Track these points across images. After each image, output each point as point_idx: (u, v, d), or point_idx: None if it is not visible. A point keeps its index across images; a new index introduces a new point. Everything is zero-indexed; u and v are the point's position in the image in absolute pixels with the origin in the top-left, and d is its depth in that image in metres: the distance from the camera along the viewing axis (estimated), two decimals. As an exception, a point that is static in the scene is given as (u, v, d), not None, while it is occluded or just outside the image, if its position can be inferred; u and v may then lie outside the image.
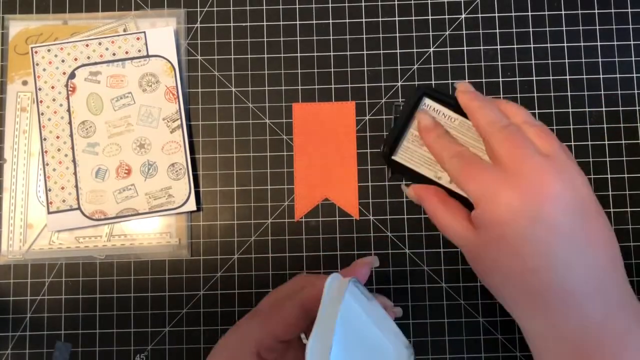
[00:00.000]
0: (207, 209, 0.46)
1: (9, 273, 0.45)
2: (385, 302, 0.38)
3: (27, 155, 0.46)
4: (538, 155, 0.32)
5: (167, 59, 0.46)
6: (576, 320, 0.31)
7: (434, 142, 0.37)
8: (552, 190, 0.31)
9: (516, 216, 0.31)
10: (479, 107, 0.36)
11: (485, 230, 0.33)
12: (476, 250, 0.34)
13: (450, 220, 0.35)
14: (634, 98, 0.46)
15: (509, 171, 0.32)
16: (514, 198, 0.31)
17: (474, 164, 0.34)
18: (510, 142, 0.33)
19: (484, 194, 0.33)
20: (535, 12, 0.47)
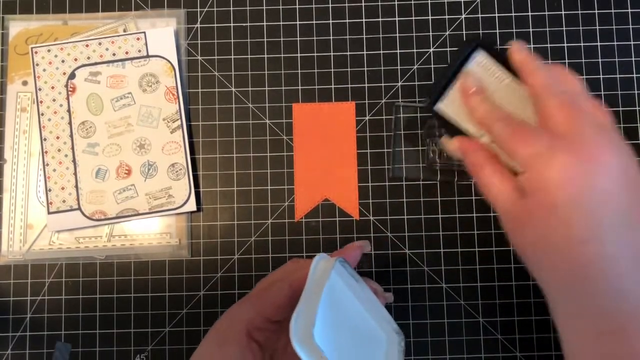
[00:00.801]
0: (207, 209, 0.46)
1: (9, 273, 0.45)
2: (375, 287, 0.38)
3: (27, 155, 0.46)
4: (596, 126, 0.31)
5: (167, 59, 0.46)
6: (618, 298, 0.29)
7: (479, 104, 0.35)
8: (610, 160, 0.30)
9: (571, 182, 0.30)
10: (535, 68, 0.34)
11: (534, 196, 0.31)
12: (520, 217, 0.32)
13: (496, 179, 0.33)
14: (634, 98, 0.46)
15: (566, 137, 0.31)
16: (570, 163, 0.30)
17: (525, 127, 0.33)
18: (568, 109, 0.32)
19: (537, 158, 0.31)
20: (535, 13, 0.47)
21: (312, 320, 0.29)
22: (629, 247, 0.29)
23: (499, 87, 0.36)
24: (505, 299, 0.45)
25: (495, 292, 0.45)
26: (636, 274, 0.29)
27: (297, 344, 0.29)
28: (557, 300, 0.32)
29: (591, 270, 0.30)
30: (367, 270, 0.45)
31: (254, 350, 0.33)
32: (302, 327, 0.29)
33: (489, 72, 0.37)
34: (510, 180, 0.33)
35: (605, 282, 0.29)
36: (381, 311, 0.37)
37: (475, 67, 0.37)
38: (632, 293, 0.29)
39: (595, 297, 0.30)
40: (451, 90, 0.37)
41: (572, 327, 0.31)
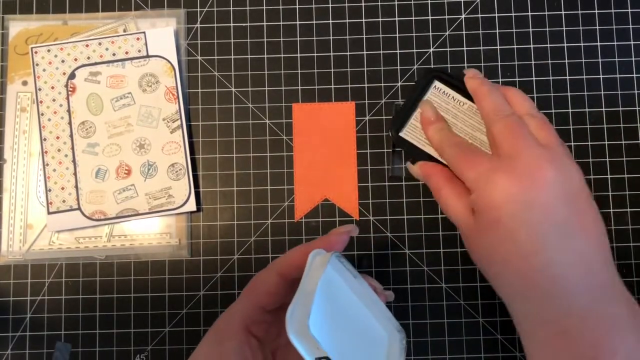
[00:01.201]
0: (207, 209, 0.46)
1: (9, 273, 0.45)
2: (375, 285, 0.38)
3: (27, 155, 0.46)
4: (536, 145, 0.34)
5: (167, 59, 0.46)
6: (564, 303, 0.32)
7: (434, 133, 0.38)
8: (548, 177, 0.32)
9: (511, 201, 0.32)
10: (485, 93, 0.37)
11: (481, 214, 0.34)
12: (472, 233, 0.35)
13: (453, 200, 0.36)
14: (634, 98, 0.46)
15: (507, 158, 0.34)
16: (510, 183, 0.33)
17: (471, 152, 0.36)
18: (510, 131, 0.34)
19: (480, 179, 0.34)
20: (535, 13, 0.47)
21: (307, 312, 0.29)
22: (568, 257, 0.32)
23: (459, 111, 0.39)
24: (505, 299, 0.45)
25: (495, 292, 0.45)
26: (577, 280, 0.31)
27: (292, 335, 0.29)
28: (512, 308, 0.34)
29: (537, 279, 0.32)
30: (367, 270, 0.45)
31: (253, 345, 0.34)
32: (298, 319, 0.30)
33: (447, 99, 0.40)
34: (464, 200, 0.36)
35: (552, 287, 0.32)
36: (382, 309, 0.37)
37: (434, 95, 0.40)
38: (574, 297, 0.31)
39: (545, 302, 0.32)
40: (412, 119, 0.40)
41: (527, 332, 0.34)
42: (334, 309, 0.34)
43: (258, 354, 0.34)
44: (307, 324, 0.29)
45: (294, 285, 0.32)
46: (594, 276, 0.32)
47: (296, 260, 0.34)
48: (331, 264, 0.33)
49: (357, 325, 0.35)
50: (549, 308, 0.32)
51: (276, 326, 0.36)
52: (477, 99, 0.38)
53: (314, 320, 0.29)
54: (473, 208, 0.35)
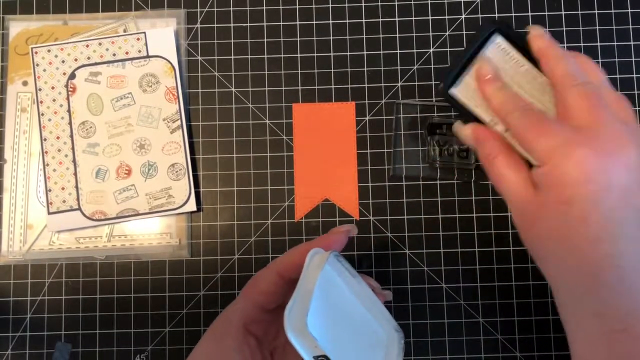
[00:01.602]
0: (207, 209, 0.46)
1: (9, 273, 0.45)
2: (373, 284, 0.37)
3: (27, 155, 0.46)
4: (618, 121, 0.30)
5: (167, 60, 0.46)
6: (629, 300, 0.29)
7: (496, 92, 0.34)
8: (631, 157, 0.29)
9: (589, 178, 0.29)
10: (557, 56, 0.33)
11: (549, 190, 0.30)
12: (533, 211, 0.31)
13: (510, 171, 0.32)
14: (634, 98, 0.46)
15: (586, 131, 0.30)
16: (591, 158, 0.29)
17: (544, 119, 0.31)
18: (589, 101, 0.31)
19: (555, 152, 0.30)
20: (535, 13, 0.47)
21: (305, 311, 0.29)
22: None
23: (517, 73, 0.35)
24: (505, 299, 0.45)
25: (495, 292, 0.45)
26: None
27: (290, 333, 0.29)
28: (566, 298, 0.31)
29: (604, 269, 0.29)
30: (367, 270, 0.45)
31: (252, 344, 0.34)
32: (296, 317, 0.30)
33: (506, 57, 0.35)
34: (524, 173, 0.32)
35: (617, 281, 0.29)
36: (380, 309, 0.37)
37: (493, 52, 0.35)
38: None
39: (607, 295, 0.29)
40: (466, 76, 0.35)
41: (581, 325, 0.30)
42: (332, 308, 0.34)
43: (257, 353, 0.34)
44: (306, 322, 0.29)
45: (293, 284, 0.32)
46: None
47: (295, 259, 0.34)
48: (329, 263, 0.33)
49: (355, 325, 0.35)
50: (612, 303, 0.29)
51: (275, 325, 0.36)
52: (545, 61, 0.33)
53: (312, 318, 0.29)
54: (536, 182, 0.31)
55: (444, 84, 0.35)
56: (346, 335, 0.34)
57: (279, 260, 0.35)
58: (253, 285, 0.35)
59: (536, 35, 0.34)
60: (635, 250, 0.29)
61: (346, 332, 0.34)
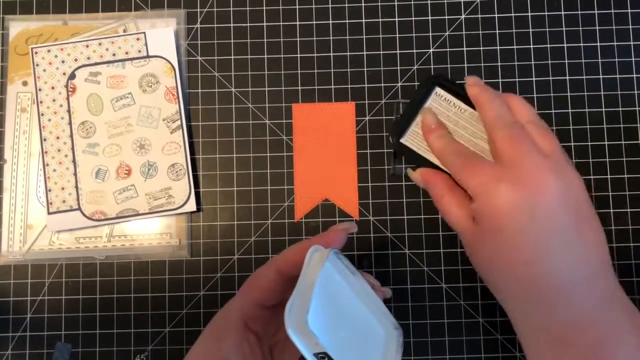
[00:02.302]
0: (207, 209, 0.46)
1: (9, 273, 0.45)
2: (372, 282, 0.38)
3: (27, 155, 0.46)
4: (539, 154, 0.34)
5: (167, 60, 0.46)
6: (565, 311, 0.32)
7: (435, 140, 0.38)
8: (550, 187, 0.33)
9: (514, 209, 0.32)
10: (487, 101, 0.37)
11: (482, 221, 0.34)
12: (474, 240, 0.35)
13: (454, 207, 0.36)
14: (633, 98, 0.47)
15: (509, 167, 0.34)
16: (513, 192, 0.33)
17: (474, 160, 0.36)
18: (512, 140, 0.34)
19: (483, 188, 0.34)
20: (535, 13, 0.47)
21: (306, 308, 0.29)
22: (571, 265, 0.32)
23: (461, 118, 0.39)
24: (505, 299, 0.45)
25: (495, 292, 0.45)
26: (579, 289, 0.32)
27: (291, 330, 0.29)
28: (513, 315, 0.35)
29: (539, 287, 0.32)
30: (367, 270, 0.45)
31: (251, 341, 0.34)
32: (296, 314, 0.30)
33: (448, 105, 0.40)
34: (466, 208, 0.35)
35: (553, 295, 0.32)
36: (379, 305, 0.37)
37: (435, 102, 0.40)
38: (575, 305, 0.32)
39: (545, 309, 0.32)
40: (413, 126, 0.40)
41: (528, 338, 0.34)
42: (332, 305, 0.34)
43: (256, 350, 0.34)
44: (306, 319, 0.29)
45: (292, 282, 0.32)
46: (595, 284, 0.32)
47: (294, 257, 0.34)
48: (329, 261, 0.33)
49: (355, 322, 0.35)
50: (550, 315, 0.32)
51: (274, 322, 0.36)
52: (478, 106, 0.38)
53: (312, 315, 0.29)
54: (474, 216, 0.35)
55: (394, 137, 0.40)
56: (346, 332, 0.34)
57: (278, 257, 0.36)
58: (252, 282, 0.36)
59: (471, 84, 0.39)
60: (564, 268, 0.32)
61: (345, 328, 0.34)
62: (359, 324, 0.36)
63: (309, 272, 0.32)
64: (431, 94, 0.40)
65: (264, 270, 0.35)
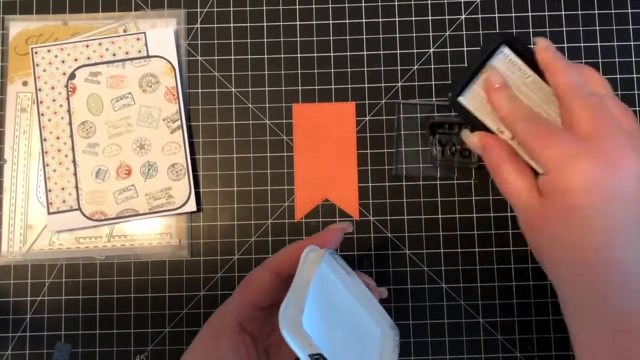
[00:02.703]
0: (207, 209, 0.46)
1: (9, 274, 0.45)
2: (368, 281, 0.37)
3: (27, 155, 0.46)
4: (622, 131, 0.31)
5: (167, 60, 0.46)
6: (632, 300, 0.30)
7: (504, 101, 0.35)
8: (633, 167, 0.30)
9: (593, 187, 0.30)
10: (562, 67, 0.34)
11: (554, 198, 0.31)
12: (538, 218, 0.32)
13: (516, 178, 0.33)
14: (633, 98, 0.46)
15: (591, 140, 0.31)
16: (595, 168, 0.30)
17: (550, 129, 0.33)
18: (593, 112, 0.32)
19: (560, 161, 0.31)
20: (535, 13, 0.47)
21: (301, 309, 0.29)
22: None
23: (523, 83, 0.36)
24: (505, 299, 0.45)
25: (495, 292, 0.45)
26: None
27: (285, 332, 0.29)
28: (571, 299, 0.32)
29: (609, 273, 0.30)
30: (367, 270, 0.45)
31: (247, 342, 0.34)
32: (291, 315, 0.30)
33: (514, 68, 0.36)
34: (529, 180, 0.33)
35: (622, 284, 0.30)
36: (375, 305, 0.37)
37: (500, 62, 0.36)
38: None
39: (611, 297, 0.30)
40: (474, 85, 0.36)
41: (586, 325, 0.31)
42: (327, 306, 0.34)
43: (252, 351, 0.34)
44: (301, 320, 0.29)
45: (288, 282, 0.32)
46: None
47: (290, 257, 0.34)
48: (325, 261, 0.33)
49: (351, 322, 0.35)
50: (617, 305, 0.30)
51: (269, 323, 0.36)
52: (551, 72, 0.34)
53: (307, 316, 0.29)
54: (541, 189, 0.32)
55: (452, 93, 0.36)
56: (341, 333, 0.34)
57: (273, 258, 0.35)
58: (247, 283, 0.35)
59: (542, 47, 0.35)
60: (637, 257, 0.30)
61: (341, 329, 0.34)
62: (354, 324, 0.36)
63: (304, 273, 0.32)
64: (497, 53, 0.36)
65: (259, 271, 0.35)
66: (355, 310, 0.36)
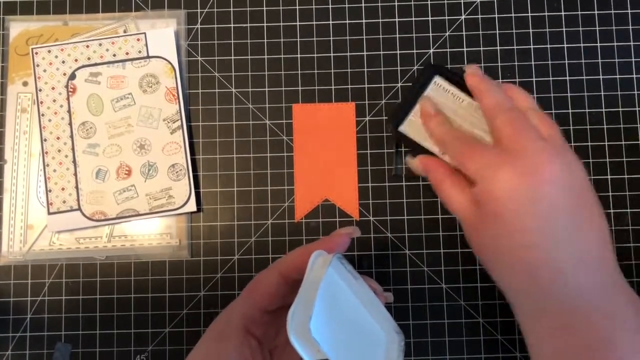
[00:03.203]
0: (208, 209, 0.46)
1: (9, 274, 0.45)
2: (375, 286, 0.38)
3: (27, 156, 0.46)
4: (539, 139, 0.34)
5: (168, 60, 0.46)
6: (567, 298, 0.32)
7: (436, 126, 0.38)
8: (552, 170, 0.32)
9: (515, 193, 0.32)
10: (486, 89, 0.37)
11: (484, 206, 0.34)
12: (475, 225, 0.35)
13: (455, 192, 0.36)
14: (633, 99, 0.47)
15: (511, 151, 0.33)
16: (514, 176, 0.32)
17: (474, 145, 0.36)
18: (513, 124, 0.34)
19: (484, 172, 0.34)
20: (535, 13, 0.47)
21: (308, 314, 0.29)
22: (573, 250, 0.32)
23: (459, 107, 0.39)
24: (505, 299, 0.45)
25: (495, 292, 0.45)
26: (581, 275, 0.32)
27: (293, 338, 0.29)
28: (514, 300, 0.35)
29: (540, 273, 0.32)
30: (367, 270, 0.45)
31: (252, 345, 0.34)
32: (299, 321, 0.30)
33: (447, 94, 0.40)
34: (467, 192, 0.35)
35: (554, 282, 0.32)
36: (381, 310, 0.37)
37: (434, 91, 0.40)
38: (577, 291, 0.31)
39: (547, 296, 0.32)
40: (411, 114, 0.40)
41: (528, 324, 0.34)
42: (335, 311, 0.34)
43: (257, 354, 0.34)
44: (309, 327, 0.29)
45: (295, 286, 0.32)
46: (598, 271, 0.32)
47: (297, 261, 0.34)
48: (333, 266, 0.33)
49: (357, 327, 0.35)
50: (551, 302, 0.32)
51: (274, 326, 0.36)
52: (478, 95, 0.38)
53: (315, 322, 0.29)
54: (476, 200, 0.35)
55: (392, 124, 0.40)
56: (347, 337, 0.34)
57: (281, 261, 0.35)
58: (254, 286, 0.35)
59: (470, 73, 0.39)
60: (566, 253, 0.32)
61: (347, 333, 0.34)
62: (360, 329, 0.36)
63: (311, 278, 0.32)
64: (430, 82, 0.40)
65: (267, 275, 0.35)
66: (361, 315, 0.36)
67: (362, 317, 0.36)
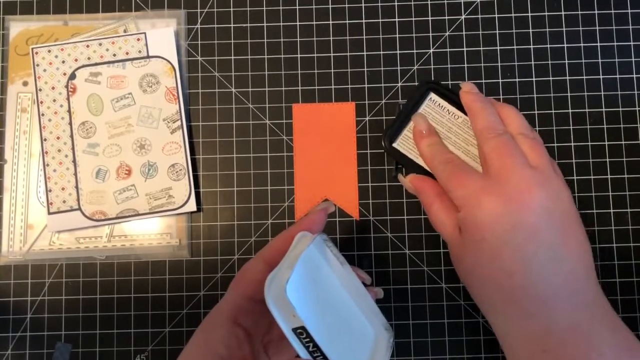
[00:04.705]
0: (208, 209, 0.46)
1: (9, 274, 0.45)
2: (363, 276, 0.38)
3: (27, 156, 0.46)
4: (526, 167, 0.34)
5: (168, 60, 0.46)
6: (546, 323, 0.32)
7: (426, 148, 0.39)
8: (535, 200, 0.33)
9: (497, 221, 0.33)
10: (479, 109, 0.37)
11: (467, 232, 0.34)
12: (458, 249, 0.36)
13: (442, 215, 0.37)
14: (633, 99, 0.47)
15: (496, 179, 0.34)
16: (497, 204, 0.33)
17: (462, 170, 0.36)
18: (500, 151, 0.35)
19: (468, 199, 0.34)
20: (535, 13, 0.47)
21: (286, 278, 0.29)
22: (553, 275, 0.32)
23: (454, 124, 0.40)
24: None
25: (495, 292, 0.45)
26: (559, 298, 0.32)
27: (269, 300, 0.29)
28: (496, 324, 0.35)
29: (520, 298, 0.33)
30: (367, 270, 0.45)
31: (240, 335, 0.34)
32: (276, 284, 0.30)
33: (442, 111, 0.40)
34: (453, 216, 0.36)
35: (533, 308, 0.32)
36: (370, 304, 0.37)
37: (429, 108, 0.40)
38: (558, 318, 0.32)
39: (526, 321, 0.33)
40: (405, 130, 0.40)
41: (510, 348, 0.34)
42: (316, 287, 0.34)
43: (245, 344, 0.34)
44: (285, 288, 0.28)
45: None
46: (577, 296, 0.32)
47: (280, 245, 0.35)
48: (316, 244, 0.34)
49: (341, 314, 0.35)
50: (531, 326, 0.33)
51: (266, 318, 0.35)
52: (470, 115, 0.38)
53: (292, 286, 0.29)
54: (460, 225, 0.35)
55: (386, 140, 0.40)
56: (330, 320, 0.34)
57: (264, 248, 0.36)
58: (241, 276, 0.36)
59: (464, 90, 0.39)
60: (547, 278, 0.32)
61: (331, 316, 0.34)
62: (345, 317, 0.35)
63: (293, 252, 0.32)
64: (425, 98, 0.40)
65: (252, 263, 0.36)
66: (347, 303, 0.36)
67: (348, 305, 0.36)
